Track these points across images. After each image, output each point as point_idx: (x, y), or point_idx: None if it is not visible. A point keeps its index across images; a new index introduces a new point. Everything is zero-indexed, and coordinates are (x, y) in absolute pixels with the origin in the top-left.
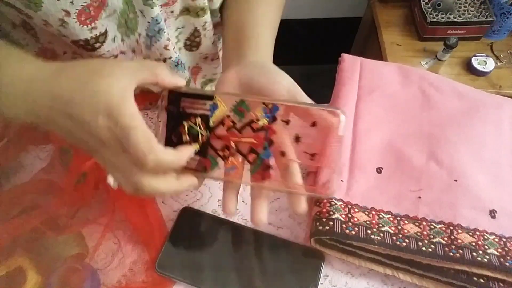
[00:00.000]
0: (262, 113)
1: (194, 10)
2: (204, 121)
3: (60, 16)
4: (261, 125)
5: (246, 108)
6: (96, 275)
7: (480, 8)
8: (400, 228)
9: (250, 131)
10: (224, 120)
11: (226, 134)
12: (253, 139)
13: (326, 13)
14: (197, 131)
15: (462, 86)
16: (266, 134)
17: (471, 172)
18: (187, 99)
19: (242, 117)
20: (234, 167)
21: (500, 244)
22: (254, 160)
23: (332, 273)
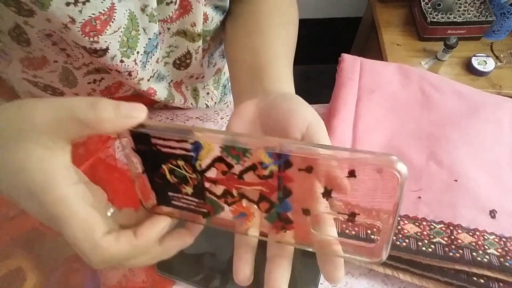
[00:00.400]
0: (267, 156)
1: (191, 35)
2: (188, 163)
3: (65, 22)
4: (268, 172)
5: (241, 151)
6: (96, 275)
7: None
8: (400, 228)
9: (256, 178)
10: (216, 164)
11: (223, 179)
12: (261, 187)
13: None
14: (183, 174)
15: (462, 86)
16: (279, 183)
17: (471, 172)
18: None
19: (239, 161)
20: (244, 214)
21: (500, 244)
22: (267, 209)
23: None
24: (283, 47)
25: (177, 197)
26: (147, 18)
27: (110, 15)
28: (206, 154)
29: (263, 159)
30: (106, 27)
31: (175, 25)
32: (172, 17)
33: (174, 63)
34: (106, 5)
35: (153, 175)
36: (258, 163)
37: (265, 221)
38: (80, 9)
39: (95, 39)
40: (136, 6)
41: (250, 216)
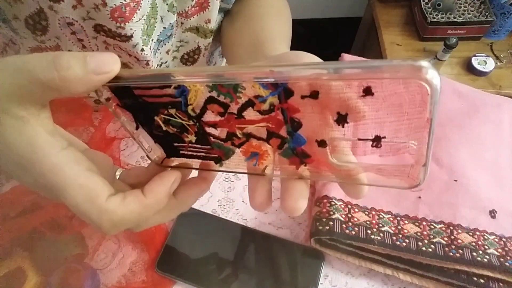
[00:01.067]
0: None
1: (203, 32)
2: (180, 110)
3: (97, 3)
4: (268, 106)
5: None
6: (96, 275)
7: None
8: (400, 228)
9: (257, 114)
10: (208, 105)
11: (222, 120)
12: (266, 123)
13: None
14: (180, 123)
15: (462, 86)
16: (284, 116)
17: (471, 172)
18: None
19: (231, 99)
20: (256, 154)
21: (500, 244)
22: (280, 146)
23: (332, 273)
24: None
25: (183, 146)
26: (166, 7)
27: (138, 2)
28: (195, 97)
29: (258, 92)
30: (134, 14)
31: (189, 21)
32: (188, 13)
33: (182, 57)
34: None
35: (150, 128)
36: (254, 98)
37: (281, 157)
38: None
39: (122, 25)
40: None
41: (264, 154)
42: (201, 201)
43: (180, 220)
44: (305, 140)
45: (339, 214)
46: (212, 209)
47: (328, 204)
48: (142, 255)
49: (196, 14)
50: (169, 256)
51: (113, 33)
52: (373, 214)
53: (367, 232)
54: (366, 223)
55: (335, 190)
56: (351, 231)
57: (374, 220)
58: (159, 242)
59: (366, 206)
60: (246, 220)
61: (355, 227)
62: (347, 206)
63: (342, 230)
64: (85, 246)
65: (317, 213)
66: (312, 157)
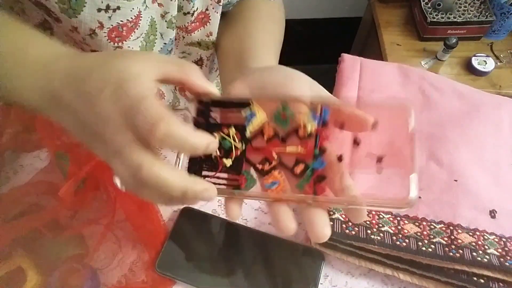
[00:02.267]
0: (310, 117)
1: (205, 44)
2: (239, 131)
3: (93, 27)
4: (309, 131)
5: (290, 114)
6: (96, 275)
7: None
8: (400, 228)
9: (296, 140)
10: (264, 128)
11: (266, 146)
12: (300, 148)
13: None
14: (230, 144)
15: (462, 86)
16: (316, 141)
17: (471, 172)
18: (219, 109)
19: (285, 125)
20: (276, 183)
21: (500, 244)
22: (302, 172)
23: (332, 273)
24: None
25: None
26: (165, 24)
27: (136, 23)
28: (257, 122)
29: (306, 120)
30: (131, 33)
31: (191, 36)
32: (188, 28)
33: None
34: (134, 13)
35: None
36: (301, 124)
37: (296, 189)
38: (110, 15)
39: (120, 45)
40: (158, 12)
41: (282, 185)
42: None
43: (180, 220)
44: (325, 163)
45: (339, 214)
46: (212, 209)
47: None
48: (142, 255)
49: (197, 29)
50: (169, 256)
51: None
52: (373, 214)
53: (367, 232)
54: (366, 223)
55: None
56: (351, 231)
57: (374, 220)
58: (159, 242)
59: None
60: (246, 220)
61: (355, 227)
62: None
63: (342, 230)
64: (85, 246)
65: None
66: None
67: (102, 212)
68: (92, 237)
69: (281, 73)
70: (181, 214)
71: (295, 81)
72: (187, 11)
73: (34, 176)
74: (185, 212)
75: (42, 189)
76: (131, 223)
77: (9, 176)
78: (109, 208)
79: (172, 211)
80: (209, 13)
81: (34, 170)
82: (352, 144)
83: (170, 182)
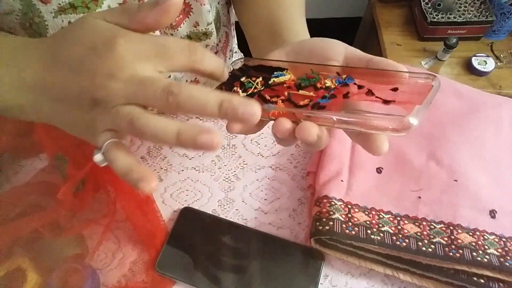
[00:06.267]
0: (333, 79)
1: (197, 36)
2: (264, 80)
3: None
4: (326, 85)
5: (316, 76)
6: (96, 275)
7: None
8: (400, 228)
9: (312, 89)
10: (287, 81)
11: (281, 88)
12: (312, 93)
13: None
14: (252, 85)
15: (462, 86)
16: (330, 91)
17: (471, 172)
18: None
19: (307, 82)
20: (272, 105)
21: (500, 244)
22: (305, 104)
23: (332, 273)
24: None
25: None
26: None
27: None
28: (284, 78)
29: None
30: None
31: (178, 31)
32: (172, 24)
33: None
34: None
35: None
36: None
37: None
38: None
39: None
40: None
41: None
42: (201, 201)
43: (180, 220)
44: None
45: (339, 214)
46: (212, 209)
47: (328, 204)
48: (142, 255)
49: (182, 22)
50: (169, 256)
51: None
52: (373, 214)
53: (367, 232)
54: (366, 223)
55: (335, 190)
56: (351, 231)
57: (374, 220)
58: (159, 242)
59: (366, 206)
60: (246, 220)
61: (355, 227)
62: (347, 206)
63: (342, 230)
64: (85, 246)
65: (317, 213)
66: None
67: (102, 213)
68: (92, 237)
69: (318, 39)
70: (181, 214)
71: (330, 43)
72: None
73: (34, 176)
74: (185, 212)
75: (42, 189)
76: (131, 223)
77: (9, 176)
78: (109, 208)
79: (172, 211)
80: (189, 2)
81: (34, 170)
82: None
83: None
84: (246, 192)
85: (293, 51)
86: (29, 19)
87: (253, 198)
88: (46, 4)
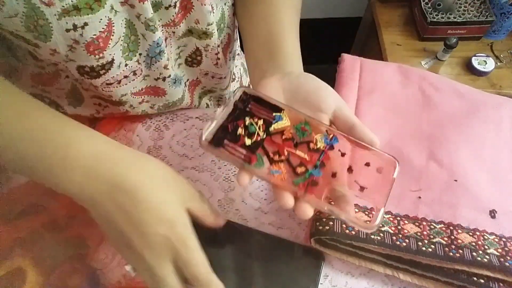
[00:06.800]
0: (323, 138)
1: (197, 33)
2: (265, 125)
3: (69, 44)
4: (318, 147)
5: (309, 129)
6: (96, 275)
7: (480, 8)
8: (400, 228)
9: (306, 149)
10: (285, 131)
11: (281, 143)
12: (306, 156)
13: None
14: (255, 130)
15: (462, 86)
16: (320, 155)
17: (471, 172)
18: (256, 104)
19: (302, 136)
20: (279, 171)
21: (500, 244)
22: (302, 173)
23: (332, 273)
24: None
25: (230, 145)
26: (143, 25)
27: (110, 30)
28: (282, 124)
29: (318, 138)
30: (108, 42)
31: (179, 28)
32: (175, 21)
33: (186, 61)
34: (104, 22)
35: (228, 123)
36: (314, 140)
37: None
38: (80, 33)
39: (101, 55)
40: (131, 14)
41: (283, 175)
42: None
43: None
44: (321, 174)
45: None
46: None
47: None
48: None
49: (183, 18)
50: None
51: (96, 72)
52: (373, 214)
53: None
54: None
55: None
56: (351, 231)
57: None
58: None
59: (366, 206)
60: (246, 220)
61: None
62: None
63: (342, 230)
64: (85, 246)
65: (317, 213)
66: (317, 186)
67: None
68: (92, 237)
69: (314, 83)
70: None
71: (324, 94)
72: (167, 4)
73: None
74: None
75: (42, 189)
76: None
77: (9, 176)
78: None
79: None
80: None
81: None
82: (346, 170)
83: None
84: (246, 192)
85: (290, 90)
86: (34, 22)
87: (253, 198)
88: (50, 7)
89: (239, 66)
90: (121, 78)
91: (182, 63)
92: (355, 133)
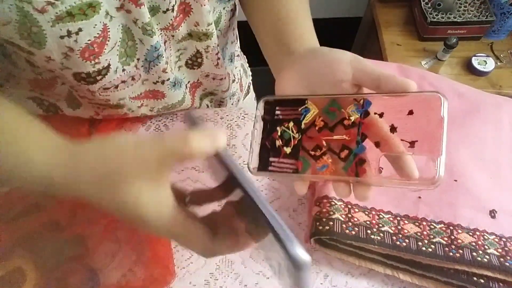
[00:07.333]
0: (354, 109)
1: (196, 35)
2: (296, 124)
3: (64, 51)
4: (352, 121)
5: (337, 107)
6: (96, 275)
7: (480, 8)
8: (400, 228)
9: (342, 129)
10: (316, 121)
11: (317, 135)
12: (345, 136)
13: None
14: (289, 135)
15: (462, 86)
16: (358, 129)
17: (471, 172)
18: (281, 107)
19: (334, 117)
20: (326, 166)
21: (500, 244)
22: (346, 156)
23: (332, 273)
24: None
25: (275, 161)
26: (140, 30)
27: (105, 36)
28: (311, 115)
29: (350, 112)
30: (104, 47)
31: (179, 31)
32: (173, 24)
33: (187, 63)
34: (99, 28)
35: (265, 140)
36: (346, 115)
37: (342, 171)
38: (75, 39)
39: (96, 61)
40: (128, 19)
41: (330, 168)
42: None
43: None
44: (365, 148)
45: (339, 214)
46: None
47: (328, 204)
48: (142, 255)
49: (182, 22)
50: None
51: (93, 78)
52: (373, 214)
53: (367, 232)
54: (366, 223)
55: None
56: (351, 231)
57: (374, 220)
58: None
59: (366, 206)
60: None
61: (355, 227)
62: (347, 206)
63: (342, 230)
64: (85, 246)
65: (317, 213)
66: (365, 169)
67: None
68: (92, 237)
69: (323, 58)
70: None
71: (336, 65)
72: (165, 8)
73: None
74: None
75: None
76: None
77: None
78: None
79: None
80: (189, 2)
81: None
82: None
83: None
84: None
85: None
86: (27, 29)
87: None
88: (43, 14)
89: (238, 68)
90: (118, 83)
91: (182, 65)
92: (385, 85)
